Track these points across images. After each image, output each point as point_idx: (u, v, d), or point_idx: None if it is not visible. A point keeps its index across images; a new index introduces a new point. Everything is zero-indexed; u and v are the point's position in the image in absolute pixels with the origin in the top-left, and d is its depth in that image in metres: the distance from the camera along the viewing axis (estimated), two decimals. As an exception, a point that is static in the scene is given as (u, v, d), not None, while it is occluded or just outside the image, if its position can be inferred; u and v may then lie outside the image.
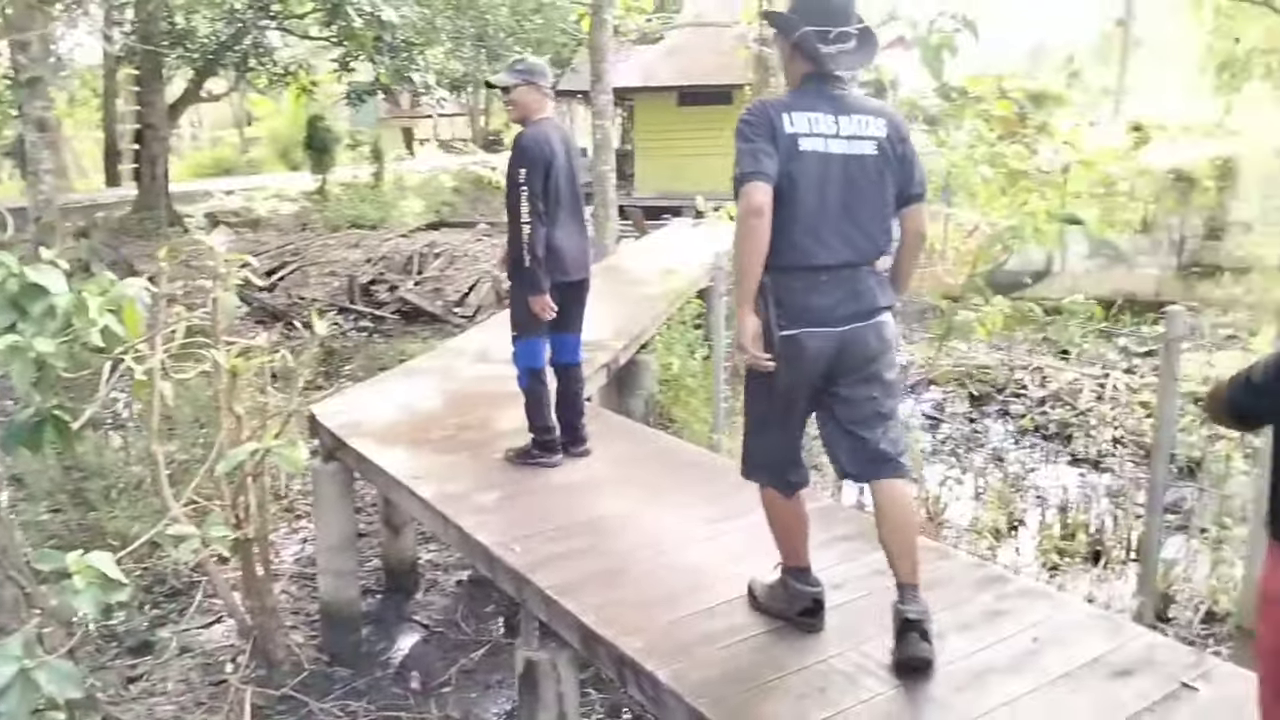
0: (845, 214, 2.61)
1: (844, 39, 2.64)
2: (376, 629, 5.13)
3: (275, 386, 4.93)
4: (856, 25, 2.66)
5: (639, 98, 20.33)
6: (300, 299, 12.77)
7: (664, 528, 3.51)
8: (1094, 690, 2.45)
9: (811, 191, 2.56)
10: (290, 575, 5.61)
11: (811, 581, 2.82)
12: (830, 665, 2.60)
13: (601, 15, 10.81)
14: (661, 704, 2.57)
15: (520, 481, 4.09)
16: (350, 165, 21.91)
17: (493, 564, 3.38)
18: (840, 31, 2.63)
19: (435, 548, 5.95)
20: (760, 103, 2.66)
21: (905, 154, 2.70)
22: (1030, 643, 2.67)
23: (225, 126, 32.07)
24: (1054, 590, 3.57)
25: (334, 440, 4.75)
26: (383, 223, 17.74)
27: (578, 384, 4.44)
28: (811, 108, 2.60)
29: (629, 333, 6.76)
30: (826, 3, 2.64)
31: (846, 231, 2.61)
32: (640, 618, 2.86)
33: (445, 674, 4.66)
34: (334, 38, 15.08)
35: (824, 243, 2.59)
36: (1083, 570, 5.62)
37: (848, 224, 2.62)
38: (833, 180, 2.58)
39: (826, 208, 2.58)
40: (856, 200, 2.62)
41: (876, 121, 2.66)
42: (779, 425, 2.78)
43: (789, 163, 2.54)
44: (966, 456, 7.74)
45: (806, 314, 2.59)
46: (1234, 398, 1.83)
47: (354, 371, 9.70)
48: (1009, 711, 2.37)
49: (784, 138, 2.55)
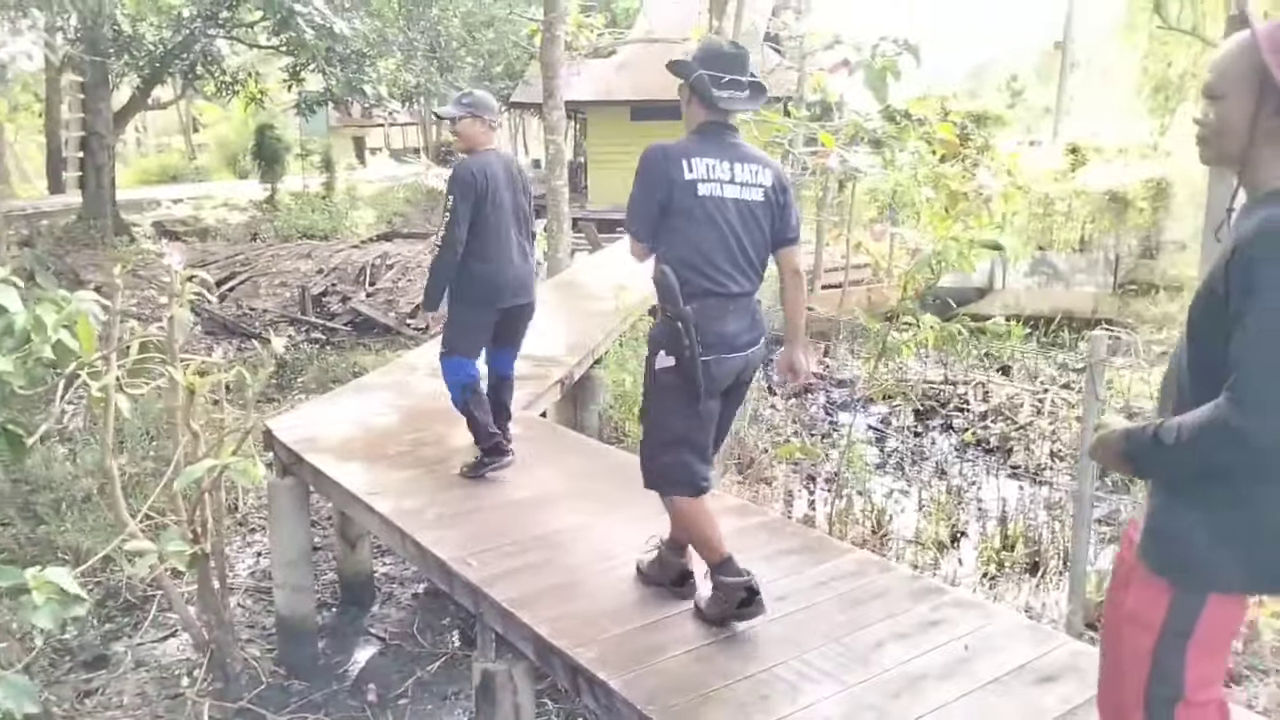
0: (741, 250, 2.93)
1: (736, 86, 2.93)
2: (333, 642, 5.17)
3: (230, 401, 4.97)
4: (749, 76, 2.96)
5: (592, 111, 20.50)
6: (251, 310, 12.68)
7: (617, 541, 3.63)
8: (1020, 696, 2.62)
9: (712, 230, 2.88)
10: (246, 589, 5.63)
11: (738, 571, 2.95)
12: (773, 674, 2.73)
13: (553, 31, 10.93)
14: (614, 712, 2.68)
15: (476, 496, 4.18)
16: (300, 174, 21.74)
17: (450, 578, 3.47)
18: (732, 79, 2.91)
19: (391, 561, 6.00)
20: (661, 149, 2.93)
21: (785, 202, 3.03)
22: (962, 651, 2.83)
23: (172, 133, 31.58)
24: (986, 601, 3.75)
25: (290, 455, 4.80)
26: (334, 233, 17.66)
27: (508, 394, 4.67)
28: (709, 154, 2.90)
29: (583, 348, 6.88)
30: (721, 53, 2.94)
31: (743, 265, 2.95)
32: (593, 629, 2.97)
33: (402, 686, 4.72)
34: (284, 48, 15.00)
35: (729, 275, 2.91)
36: (1022, 580, 5.85)
37: (743, 258, 2.94)
38: (729, 220, 2.90)
39: (727, 244, 2.89)
40: (747, 238, 2.94)
41: (765, 172, 2.99)
42: (698, 439, 3.01)
43: (689, 206, 2.86)
44: (911, 470, 7.98)
45: (722, 340, 2.91)
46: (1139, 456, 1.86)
47: (307, 384, 9.69)
48: (940, 716, 2.52)
49: (683, 184, 2.86)
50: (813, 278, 11.59)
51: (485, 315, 4.39)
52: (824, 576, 3.31)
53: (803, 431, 8.48)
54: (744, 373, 3.05)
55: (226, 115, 25.77)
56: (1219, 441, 1.67)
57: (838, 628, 2.96)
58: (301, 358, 10.71)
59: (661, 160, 2.90)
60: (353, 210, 19.69)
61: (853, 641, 2.88)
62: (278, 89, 17.70)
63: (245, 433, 4.28)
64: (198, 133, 30.89)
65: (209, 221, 18.10)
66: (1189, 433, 1.71)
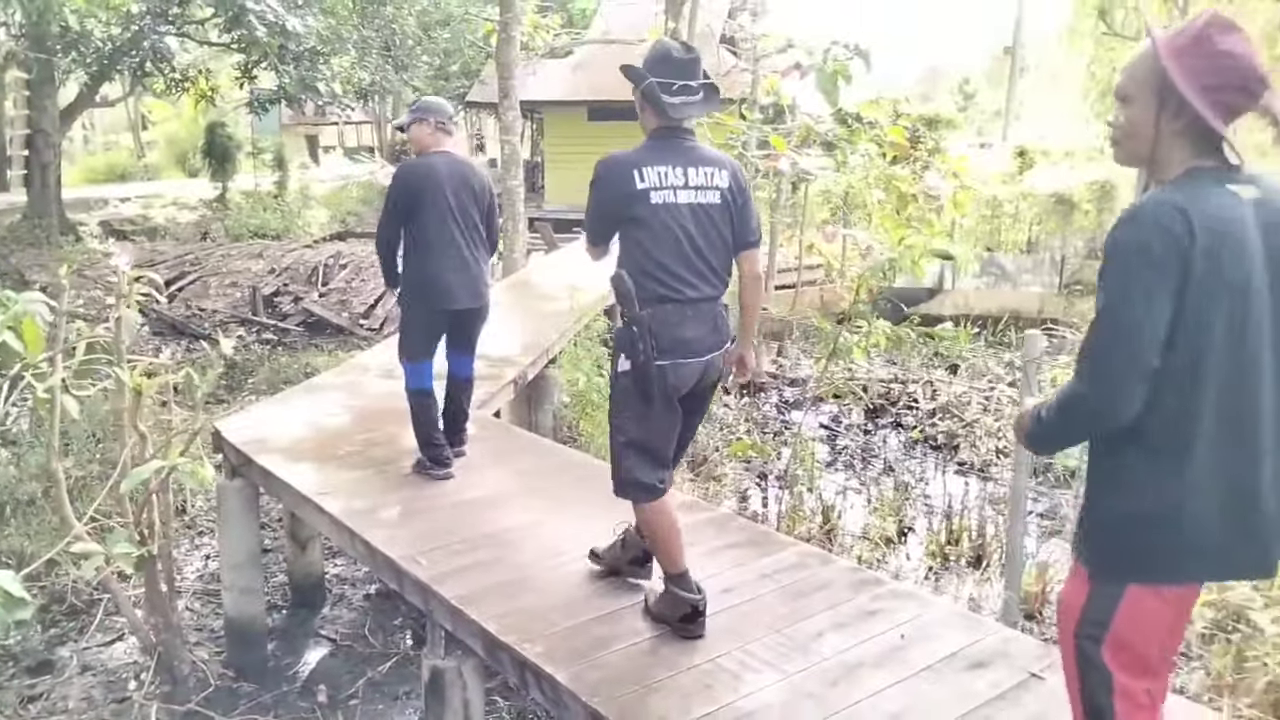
0: (699, 255, 2.92)
1: (688, 91, 2.94)
2: (283, 644, 5.16)
3: (178, 402, 4.94)
4: (702, 79, 2.98)
5: (549, 111, 20.50)
6: (200, 310, 12.54)
7: (566, 538, 3.67)
8: (952, 682, 2.71)
9: (669, 237, 2.87)
10: (194, 592, 5.59)
11: (691, 588, 2.99)
12: (717, 664, 2.80)
13: (509, 31, 10.94)
14: (561, 705, 2.73)
15: (427, 496, 4.21)
16: (252, 173, 21.49)
17: (400, 577, 3.49)
18: (684, 84, 2.93)
19: (342, 562, 5.99)
20: (613, 161, 2.94)
21: (744, 204, 3.03)
22: (899, 639, 2.92)
23: (120, 130, 31.06)
24: (923, 591, 3.86)
25: (239, 456, 4.78)
26: (286, 232, 17.50)
27: (466, 398, 4.70)
28: (662, 161, 2.90)
29: (537, 348, 6.92)
30: (672, 58, 2.94)
31: (702, 270, 2.93)
32: (541, 624, 3.02)
33: (353, 686, 4.72)
34: (235, 45, 14.84)
35: (686, 281, 2.90)
36: (966, 573, 5.99)
37: (702, 263, 2.93)
38: (685, 226, 2.89)
39: (683, 250, 2.89)
40: (706, 243, 2.93)
41: (721, 173, 2.97)
42: (657, 445, 3.00)
43: (642, 215, 2.87)
44: (861, 467, 8.11)
45: (680, 345, 2.90)
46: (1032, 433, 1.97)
47: (257, 385, 9.61)
48: (875, 702, 2.60)
49: (636, 192, 2.86)
50: (766, 278, 11.71)
51: (426, 317, 4.41)
52: (768, 569, 3.38)
53: (755, 430, 8.58)
54: (705, 378, 3.01)
55: (176, 113, 25.43)
56: (1073, 411, 1.84)
57: (780, 619, 3.03)
58: (252, 359, 10.61)
59: (613, 173, 2.91)
60: (305, 209, 19.53)
61: (794, 632, 2.95)
62: (229, 86, 17.51)
63: (193, 434, 4.26)
64: (147, 130, 30.41)
65: (158, 220, 17.85)
66: (1055, 406, 1.86)
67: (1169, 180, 1.82)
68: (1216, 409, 1.77)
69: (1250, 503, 1.81)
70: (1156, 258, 1.71)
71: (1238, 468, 1.80)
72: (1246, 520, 1.82)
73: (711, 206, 2.93)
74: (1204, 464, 1.79)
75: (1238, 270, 1.74)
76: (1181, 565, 1.85)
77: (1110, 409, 1.78)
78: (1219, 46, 1.76)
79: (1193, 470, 1.79)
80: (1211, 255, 1.71)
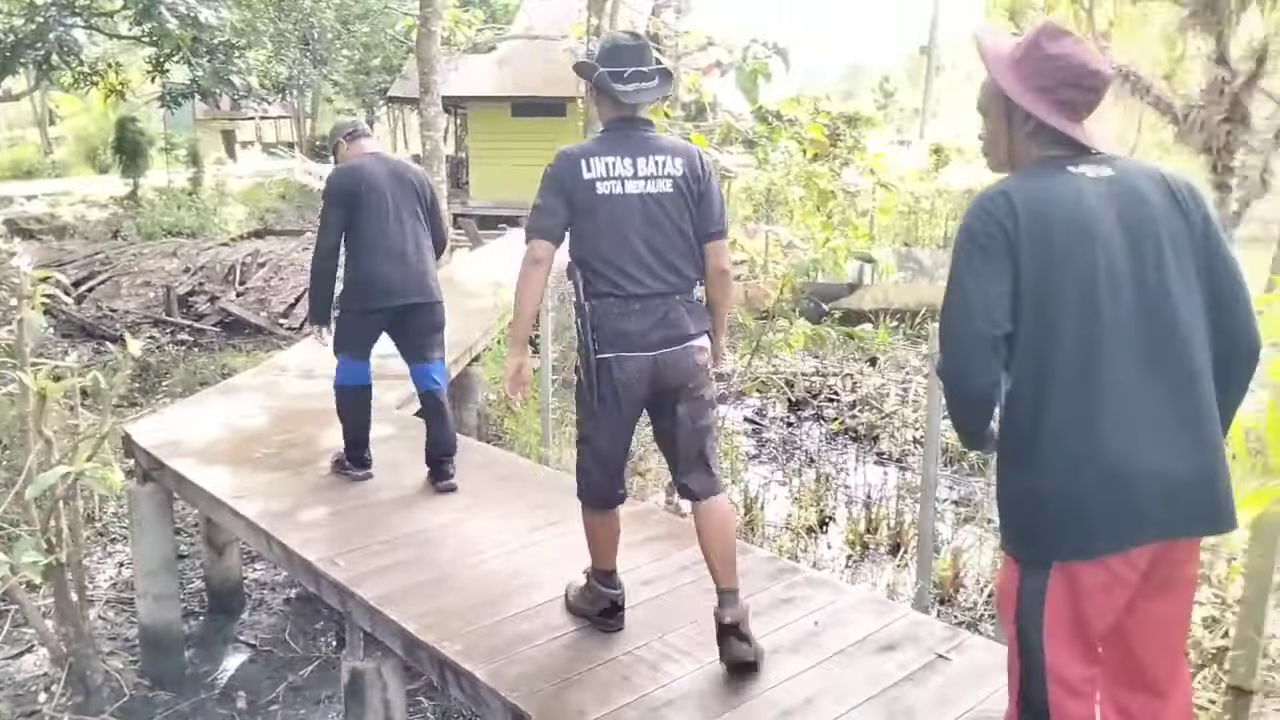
0: (649, 249, 2.80)
1: (641, 77, 2.87)
2: (201, 651, 5.06)
3: (86, 406, 4.81)
4: (653, 66, 2.91)
5: (472, 106, 20.34)
6: (112, 311, 12.18)
7: (486, 536, 3.68)
8: (863, 665, 2.79)
9: (612, 230, 2.77)
10: (108, 600, 5.45)
11: (614, 585, 3.03)
12: (635, 655, 2.84)
13: (429, 26, 10.84)
14: (481, 701, 2.74)
15: (346, 497, 4.17)
16: (165, 169, 20.89)
17: (317, 579, 3.46)
18: (635, 71, 2.86)
19: (262, 567, 5.89)
20: (564, 152, 2.88)
21: (702, 192, 2.89)
22: (812, 626, 3.00)
23: (25, 126, 29.92)
24: (836, 579, 3.95)
25: (151, 460, 4.67)
26: (202, 230, 17.07)
27: (437, 414, 4.35)
28: (611, 152, 2.81)
29: (460, 345, 6.88)
30: (621, 46, 2.90)
31: (651, 264, 2.80)
32: (461, 623, 3.02)
33: (273, 692, 4.66)
34: (146, 37, 14.40)
35: (630, 276, 2.78)
36: (885, 560, 6.14)
37: (653, 258, 2.80)
38: (632, 219, 2.78)
39: (629, 244, 2.78)
40: (659, 236, 2.81)
41: (675, 161, 2.86)
42: (603, 442, 2.91)
43: (588, 206, 2.78)
44: (785, 459, 8.24)
45: (622, 338, 2.77)
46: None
47: (172, 388, 9.37)
48: (790, 687, 2.67)
49: (582, 183, 2.77)
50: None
51: (360, 318, 4.28)
52: (687, 561, 3.43)
53: (681, 425, 8.65)
54: (662, 379, 2.82)
55: (85, 107, 24.60)
56: (944, 387, 2.00)
57: (698, 609, 3.07)
58: (167, 360, 10.35)
59: (561, 165, 2.83)
60: (222, 206, 19.07)
61: (711, 622, 3.00)
62: (140, 80, 17.00)
63: (100, 438, 4.15)
64: (54, 126, 29.34)
65: (66, 219, 17.26)
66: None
67: None
68: (1079, 378, 1.84)
69: (1135, 465, 1.82)
70: (979, 238, 1.88)
71: (1113, 433, 1.82)
72: (1139, 482, 1.82)
73: (664, 196, 2.81)
74: (1077, 433, 1.84)
75: (1077, 244, 1.84)
76: (1090, 537, 1.84)
77: (961, 379, 1.93)
78: (1048, 51, 1.92)
79: (1066, 440, 1.84)
80: (1039, 232, 1.85)
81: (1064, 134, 1.93)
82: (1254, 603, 2.87)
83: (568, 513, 3.75)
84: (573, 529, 3.62)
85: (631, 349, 2.77)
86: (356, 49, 20.38)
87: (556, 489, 4.19)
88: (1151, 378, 1.84)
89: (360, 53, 21.19)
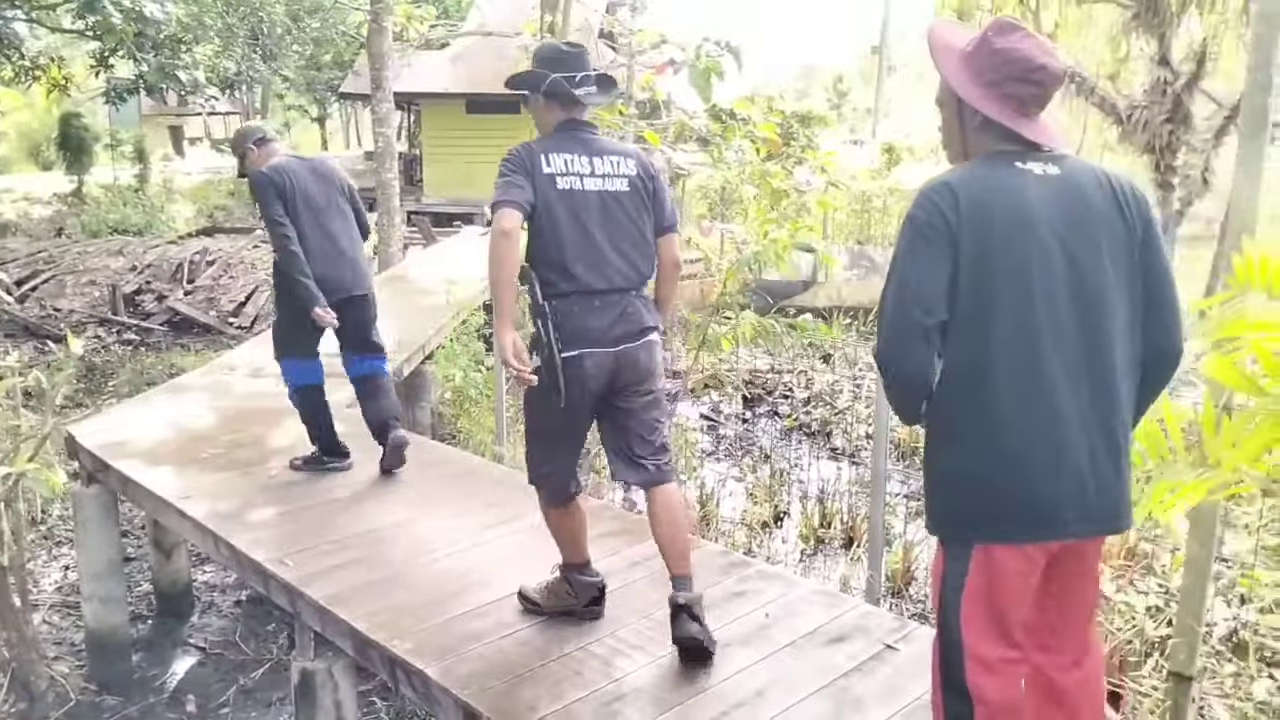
0: (610, 245, 2.83)
1: (588, 81, 2.92)
2: (149, 655, 4.98)
3: (29, 407, 4.70)
4: (595, 70, 2.96)
5: (426, 103, 20.16)
6: (56, 310, 11.92)
7: (438, 535, 3.66)
8: (813, 656, 2.82)
9: (573, 225, 2.79)
10: (52, 605, 5.34)
11: (593, 573, 3.06)
12: (588, 651, 2.85)
13: (380, 22, 10.74)
14: (432, 699, 2.73)
15: (295, 497, 4.12)
16: (111, 165, 20.47)
17: (266, 580, 3.42)
18: (583, 75, 2.90)
19: (211, 569, 5.81)
20: (524, 145, 2.88)
21: (655, 189, 2.96)
22: (763, 618, 3.02)
23: (-37, 120, 29.09)
24: (788, 572, 3.98)
25: (95, 462, 4.59)
26: (149, 228, 16.74)
27: (373, 403, 4.42)
28: (568, 150, 2.84)
29: (413, 344, 6.84)
30: (565, 54, 2.93)
31: (612, 260, 2.83)
32: (412, 620, 3.01)
33: (223, 695, 4.60)
34: (90, 31, 14.09)
35: (593, 270, 2.80)
36: (838, 554, 6.20)
37: (613, 253, 2.84)
38: (591, 215, 2.81)
39: (590, 240, 2.80)
40: (617, 233, 2.85)
41: (627, 161, 2.92)
42: (562, 440, 2.95)
43: (547, 202, 2.77)
44: (740, 455, 8.29)
45: (584, 336, 2.78)
46: None
47: (118, 388, 9.20)
48: (741, 680, 2.69)
49: (542, 177, 2.77)
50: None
51: (306, 314, 4.24)
52: (639, 556, 3.45)
53: (636, 422, 8.67)
54: (620, 374, 2.86)
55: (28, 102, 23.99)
56: (879, 369, 2.03)
57: (650, 604, 3.09)
58: (113, 360, 10.15)
59: (521, 154, 2.82)
60: (169, 203, 18.73)
61: (663, 615, 2.99)
62: (85, 75, 16.64)
63: (42, 439, 4.07)
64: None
65: (9, 216, 16.86)
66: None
67: None
68: (1011, 368, 1.90)
69: (1058, 459, 1.89)
70: (921, 226, 1.91)
71: (1039, 425, 1.89)
72: (1061, 477, 1.89)
73: (621, 195, 2.86)
74: (1004, 422, 1.90)
75: (1016, 234, 1.89)
76: (1012, 523, 1.92)
77: (895, 363, 1.95)
78: (996, 46, 1.96)
79: (998, 430, 1.91)
80: (979, 219, 1.89)
81: (1012, 131, 1.97)
82: (1193, 591, 2.93)
83: (521, 511, 3.76)
84: (525, 527, 3.64)
85: (594, 345, 2.79)
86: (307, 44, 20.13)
87: (510, 487, 4.18)
88: (1079, 378, 1.91)
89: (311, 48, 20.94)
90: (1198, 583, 2.93)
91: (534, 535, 3.08)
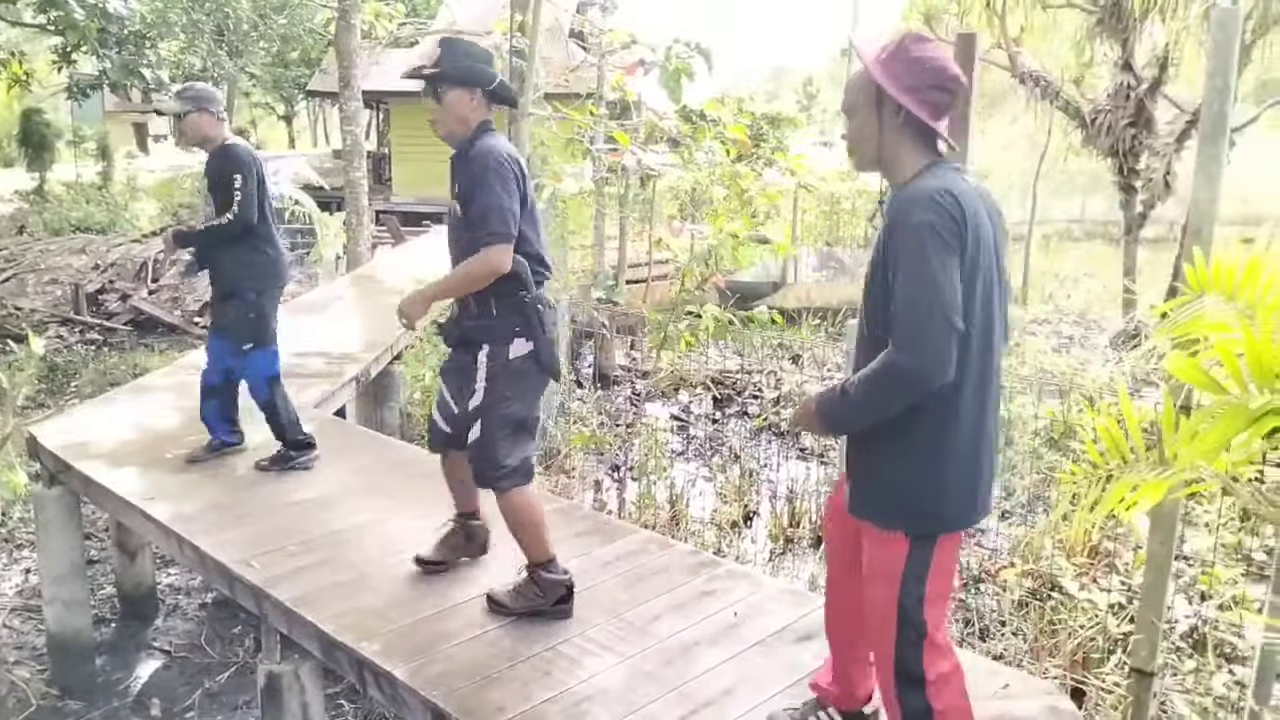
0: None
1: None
2: (112, 658, 4.91)
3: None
4: None
5: (395, 102, 20.02)
6: (17, 310, 11.71)
7: (406, 535, 3.64)
8: (781, 654, 2.84)
9: (540, 220, 3.05)
10: (13, 609, 5.25)
11: (560, 570, 3.07)
12: (556, 651, 2.84)
13: (348, 19, 10.67)
14: (400, 701, 2.72)
15: (261, 498, 4.09)
16: (73, 162, 20.16)
17: (232, 582, 3.39)
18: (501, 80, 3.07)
19: (176, 571, 5.74)
20: (505, 148, 2.97)
21: None
22: (732, 617, 3.04)
23: (-80, 115, 28.53)
24: (757, 571, 4.01)
25: (57, 463, 4.52)
26: (112, 226, 16.49)
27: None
28: (516, 155, 3.00)
29: (380, 344, 6.79)
30: (488, 55, 3.06)
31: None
32: (380, 622, 2.99)
33: (189, 699, 4.54)
34: (52, 26, 13.86)
35: (548, 264, 3.08)
36: (808, 553, 6.23)
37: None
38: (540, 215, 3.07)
39: (542, 233, 3.05)
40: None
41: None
42: (534, 424, 3.12)
43: (528, 203, 2.97)
44: (710, 455, 8.31)
45: (550, 318, 3.03)
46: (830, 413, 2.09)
47: (81, 388, 9.05)
48: (709, 678, 2.70)
49: (524, 183, 2.97)
50: (617, 273, 11.82)
51: (275, 298, 4.42)
52: (610, 556, 3.45)
53: (608, 422, 8.67)
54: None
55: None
56: (891, 380, 1.95)
57: (619, 604, 3.10)
58: (75, 360, 9.99)
59: (514, 164, 2.95)
60: (133, 201, 18.46)
61: (633, 615, 3.03)
62: (46, 71, 16.36)
63: (3, 439, 4.00)
64: (-48, 116, 28.04)
65: (-34, 214, 16.53)
66: (868, 380, 1.98)
67: (911, 176, 2.04)
68: (974, 380, 2.02)
69: (991, 457, 2.11)
70: (945, 233, 1.92)
71: (985, 418, 2.06)
72: (987, 471, 2.10)
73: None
74: (969, 417, 2.03)
75: (985, 252, 1.99)
76: (969, 512, 2.11)
77: (931, 372, 1.91)
78: (913, 54, 2.02)
79: (965, 424, 2.03)
80: (973, 231, 1.95)
81: (929, 138, 2.04)
82: (1154, 588, 2.99)
83: (488, 512, 3.74)
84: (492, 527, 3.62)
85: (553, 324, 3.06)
86: (274, 41, 19.95)
87: (479, 487, 4.16)
88: (997, 380, 2.09)
89: (278, 45, 20.75)
90: (1159, 580, 2.98)
91: (501, 537, 3.07)
